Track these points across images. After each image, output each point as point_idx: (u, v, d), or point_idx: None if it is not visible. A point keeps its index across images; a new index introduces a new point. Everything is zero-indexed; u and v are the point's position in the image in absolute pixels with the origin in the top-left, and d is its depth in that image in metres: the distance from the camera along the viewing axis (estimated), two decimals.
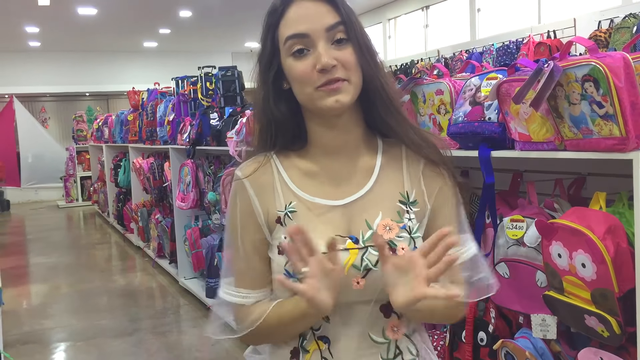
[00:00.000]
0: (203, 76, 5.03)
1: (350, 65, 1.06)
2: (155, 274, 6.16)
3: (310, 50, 1.05)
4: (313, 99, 1.06)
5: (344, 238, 1.08)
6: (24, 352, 4.13)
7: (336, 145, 1.13)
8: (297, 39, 1.05)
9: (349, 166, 1.14)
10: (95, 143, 9.99)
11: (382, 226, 1.08)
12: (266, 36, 1.10)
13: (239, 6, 10.28)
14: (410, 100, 2.23)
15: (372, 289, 1.06)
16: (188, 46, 14.14)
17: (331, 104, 1.05)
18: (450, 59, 8.17)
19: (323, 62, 1.03)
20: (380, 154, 1.16)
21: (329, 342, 1.10)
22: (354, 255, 1.06)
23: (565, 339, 1.78)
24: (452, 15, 10.13)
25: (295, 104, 1.12)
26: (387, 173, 1.14)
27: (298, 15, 1.06)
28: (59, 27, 11.68)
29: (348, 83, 1.06)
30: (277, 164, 1.16)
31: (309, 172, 1.14)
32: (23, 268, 7.03)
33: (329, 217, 1.10)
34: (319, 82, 1.04)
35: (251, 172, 1.15)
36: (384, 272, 1.01)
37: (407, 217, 1.11)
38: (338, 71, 1.05)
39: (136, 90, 7.18)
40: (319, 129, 1.13)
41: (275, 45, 1.09)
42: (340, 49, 1.06)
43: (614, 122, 1.41)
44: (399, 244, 1.07)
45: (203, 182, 4.72)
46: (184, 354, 3.99)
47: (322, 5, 1.06)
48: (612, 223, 1.45)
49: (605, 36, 5.63)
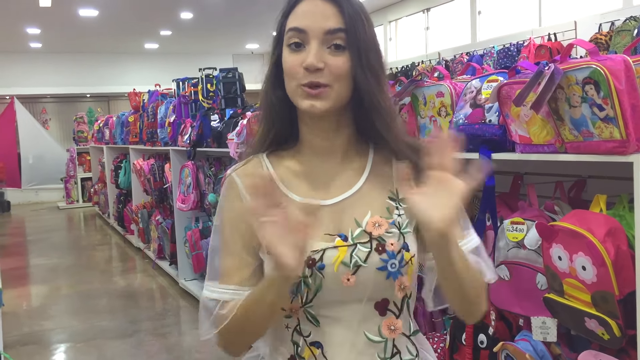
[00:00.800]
0: (204, 78, 5.03)
1: (339, 73, 1.05)
2: (155, 276, 6.16)
3: (305, 47, 1.06)
4: (294, 95, 1.08)
5: (332, 236, 1.08)
6: (23, 353, 4.13)
7: (325, 146, 1.13)
8: (296, 32, 1.06)
9: (339, 167, 1.14)
10: (96, 144, 9.99)
11: (371, 223, 1.09)
12: (280, 22, 1.12)
13: (239, 8, 10.29)
14: (410, 103, 2.23)
15: (363, 286, 1.06)
16: (189, 48, 14.16)
17: (306, 107, 1.06)
18: (451, 61, 8.18)
19: (308, 61, 1.03)
20: (371, 157, 1.16)
21: (322, 346, 1.09)
22: (343, 252, 1.06)
23: (566, 341, 1.78)
24: (453, 18, 10.14)
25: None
26: (377, 173, 1.15)
27: (305, 11, 1.07)
28: (60, 29, 11.69)
29: (330, 89, 1.05)
30: (267, 165, 1.16)
31: (299, 172, 1.15)
32: (23, 269, 7.02)
33: (318, 217, 1.10)
34: (303, 80, 1.05)
35: (243, 172, 1.16)
36: (410, 206, 0.94)
37: (397, 213, 1.11)
38: (322, 76, 1.04)
39: (137, 92, 7.18)
40: (306, 128, 1.14)
41: (281, 34, 1.11)
42: (334, 54, 1.05)
43: (614, 125, 1.41)
44: (388, 239, 1.08)
45: (203, 184, 4.72)
46: (184, 356, 3.99)
47: (330, 8, 1.06)
48: (613, 226, 1.45)
49: (606, 39, 5.64)
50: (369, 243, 1.07)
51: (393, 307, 1.10)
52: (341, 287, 1.06)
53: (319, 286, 1.06)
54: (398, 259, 1.07)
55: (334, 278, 1.05)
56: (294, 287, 1.06)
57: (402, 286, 1.08)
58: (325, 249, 1.06)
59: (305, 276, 1.05)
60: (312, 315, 1.09)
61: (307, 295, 1.07)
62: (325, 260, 1.06)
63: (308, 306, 1.08)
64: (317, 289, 1.06)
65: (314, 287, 1.06)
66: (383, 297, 1.09)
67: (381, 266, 1.06)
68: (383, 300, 1.09)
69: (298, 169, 1.15)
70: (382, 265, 1.06)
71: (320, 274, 1.05)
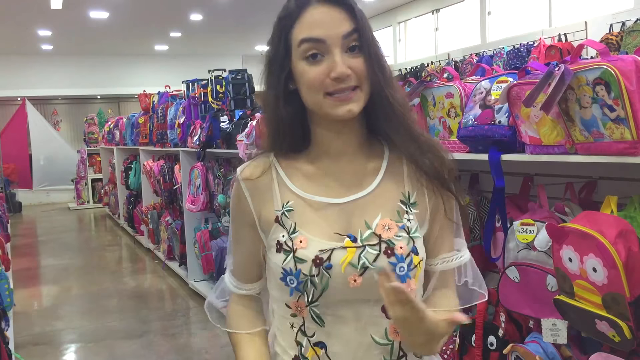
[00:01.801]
0: (213, 79, 5.05)
1: (362, 73, 1.06)
2: (165, 276, 6.19)
3: (325, 57, 1.05)
4: (322, 105, 1.06)
5: (342, 236, 1.08)
6: (35, 353, 4.16)
7: (340, 149, 1.13)
8: (313, 43, 1.04)
9: (353, 169, 1.14)
10: (107, 145, 10.05)
11: (381, 226, 1.09)
12: (279, 38, 1.09)
13: (249, 9, 10.31)
14: (420, 104, 2.23)
15: (370, 288, 1.06)
16: (199, 49, 14.20)
17: (343, 113, 1.05)
18: (461, 62, 8.14)
19: (339, 71, 1.03)
20: (386, 157, 1.16)
21: (325, 346, 1.10)
22: (351, 253, 1.07)
23: (576, 343, 1.77)
24: (462, 18, 10.10)
25: (301, 104, 1.11)
26: (390, 175, 1.15)
27: (314, 20, 1.05)
28: (71, 31, 11.76)
29: (360, 91, 1.06)
30: (276, 167, 1.16)
31: (310, 174, 1.15)
32: (34, 269, 7.08)
33: (327, 214, 1.11)
34: (330, 89, 1.04)
35: (249, 174, 1.17)
36: (394, 319, 0.99)
37: (407, 218, 1.11)
38: (351, 80, 1.05)
39: (147, 93, 7.21)
40: (324, 132, 1.13)
41: (288, 47, 1.08)
42: (354, 56, 1.05)
43: (625, 126, 1.40)
44: (397, 243, 1.08)
45: (213, 185, 4.73)
46: (194, 356, 4.00)
47: (339, 12, 1.05)
48: (624, 227, 1.44)
49: (617, 39, 5.60)
50: (377, 245, 1.07)
51: None
52: (347, 288, 1.06)
53: (326, 285, 1.06)
54: (407, 263, 1.07)
55: (340, 278, 1.06)
56: (301, 285, 1.07)
57: (410, 289, 1.08)
58: (334, 249, 1.07)
59: (312, 275, 1.06)
60: (317, 314, 1.09)
61: (313, 294, 1.08)
62: (332, 260, 1.06)
63: (314, 305, 1.09)
64: (324, 288, 1.07)
65: (321, 286, 1.07)
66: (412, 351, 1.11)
67: (389, 269, 1.06)
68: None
69: (309, 171, 1.15)
70: (390, 268, 1.06)
71: (327, 274, 1.06)
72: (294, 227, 1.10)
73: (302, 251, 1.07)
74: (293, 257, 1.08)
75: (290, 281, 1.08)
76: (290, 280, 1.08)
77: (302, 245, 1.08)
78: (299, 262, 1.07)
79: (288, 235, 1.10)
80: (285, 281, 1.09)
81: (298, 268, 1.07)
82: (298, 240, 1.09)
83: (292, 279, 1.08)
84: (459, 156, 2.01)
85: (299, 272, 1.07)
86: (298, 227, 1.10)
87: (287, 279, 1.09)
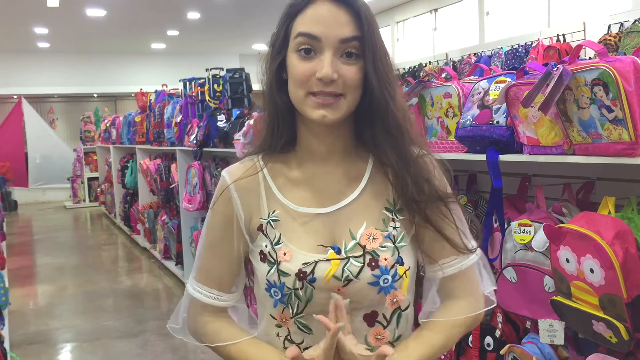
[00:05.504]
0: (211, 78, 5.04)
1: (351, 83, 1.02)
2: (161, 276, 6.17)
3: (317, 55, 1.02)
4: (303, 103, 1.03)
5: (325, 248, 1.06)
6: (30, 352, 4.14)
7: (324, 152, 1.10)
8: (308, 38, 1.01)
9: (337, 174, 1.11)
10: (103, 144, 10.03)
11: (366, 236, 1.06)
12: (282, 25, 1.07)
13: (247, 8, 10.30)
14: (418, 104, 2.22)
15: (353, 300, 1.05)
16: (196, 48, 14.18)
17: (317, 117, 1.02)
18: (459, 62, 8.14)
19: (323, 72, 0.99)
20: (370, 163, 1.13)
21: None
22: (335, 266, 1.04)
23: (573, 344, 1.77)
24: (460, 19, 10.10)
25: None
26: (375, 182, 1.11)
27: (316, 15, 1.02)
28: (68, 29, 11.73)
29: (344, 99, 1.02)
30: (263, 170, 1.13)
31: (295, 179, 1.12)
32: (30, 268, 7.05)
33: (313, 226, 1.08)
34: (314, 89, 1.01)
35: (237, 176, 1.13)
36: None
37: (392, 226, 1.08)
38: (337, 86, 1.01)
39: (144, 92, 7.20)
40: (309, 134, 1.10)
41: (287, 36, 1.06)
42: (348, 63, 1.02)
43: (623, 127, 1.40)
44: (382, 254, 1.05)
45: (210, 184, 4.72)
46: (189, 356, 4.00)
47: (344, 14, 1.01)
48: (621, 228, 1.44)
49: (615, 40, 5.60)
50: (362, 257, 1.05)
51: (382, 318, 1.09)
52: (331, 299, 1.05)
53: (310, 298, 1.05)
54: (391, 274, 1.05)
55: (324, 292, 1.04)
56: (285, 298, 1.06)
57: (395, 300, 1.07)
58: (318, 261, 1.05)
59: (295, 288, 1.05)
60: (304, 324, 1.08)
61: (297, 306, 1.06)
62: (316, 273, 1.04)
63: (299, 317, 1.07)
64: (308, 300, 1.05)
65: (305, 298, 1.05)
66: (373, 309, 1.08)
67: (373, 281, 1.05)
68: (372, 312, 1.08)
69: (295, 176, 1.12)
70: (374, 280, 1.05)
71: (311, 286, 1.04)
72: (279, 238, 1.08)
73: (285, 264, 1.05)
74: (277, 270, 1.06)
75: (275, 293, 1.07)
76: (274, 292, 1.07)
77: (286, 259, 1.05)
78: (282, 275, 1.05)
79: (271, 246, 1.07)
80: (270, 292, 1.07)
81: (282, 281, 1.05)
82: (282, 252, 1.06)
83: (276, 291, 1.06)
84: (456, 156, 2.01)
85: (282, 285, 1.05)
86: (282, 238, 1.07)
87: (271, 290, 1.07)
